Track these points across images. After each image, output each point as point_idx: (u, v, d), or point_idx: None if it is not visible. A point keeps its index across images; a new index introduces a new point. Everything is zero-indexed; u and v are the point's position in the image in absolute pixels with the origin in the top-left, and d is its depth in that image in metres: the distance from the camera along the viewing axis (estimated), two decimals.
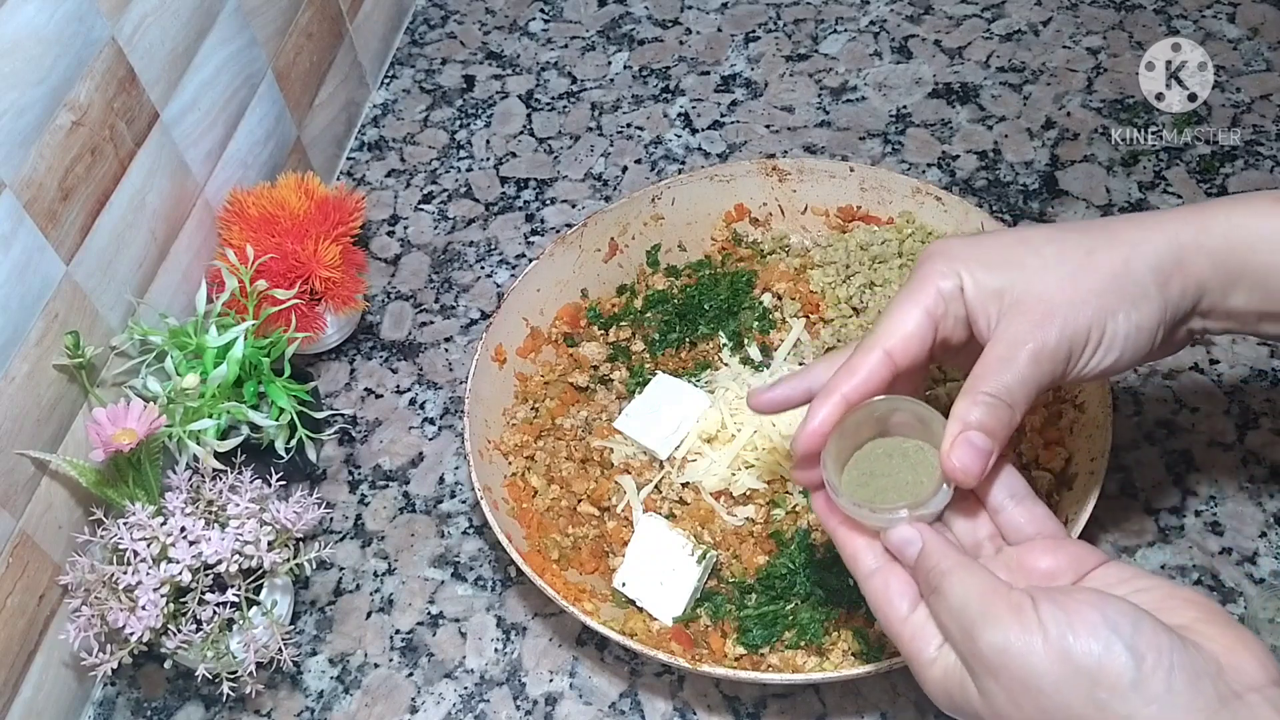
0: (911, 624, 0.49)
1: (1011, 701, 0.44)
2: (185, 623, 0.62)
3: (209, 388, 0.70)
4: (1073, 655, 0.43)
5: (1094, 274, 0.51)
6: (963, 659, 0.46)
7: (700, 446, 0.76)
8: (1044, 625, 0.44)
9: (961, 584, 0.47)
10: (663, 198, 0.84)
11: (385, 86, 1.09)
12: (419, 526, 0.79)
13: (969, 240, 0.54)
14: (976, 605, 0.46)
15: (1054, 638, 0.43)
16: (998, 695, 0.45)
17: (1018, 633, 0.44)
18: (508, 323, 0.79)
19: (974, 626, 0.45)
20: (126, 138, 0.71)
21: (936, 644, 0.48)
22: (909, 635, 0.49)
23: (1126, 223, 0.54)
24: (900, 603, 0.50)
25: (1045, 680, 0.43)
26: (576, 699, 0.70)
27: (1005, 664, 0.44)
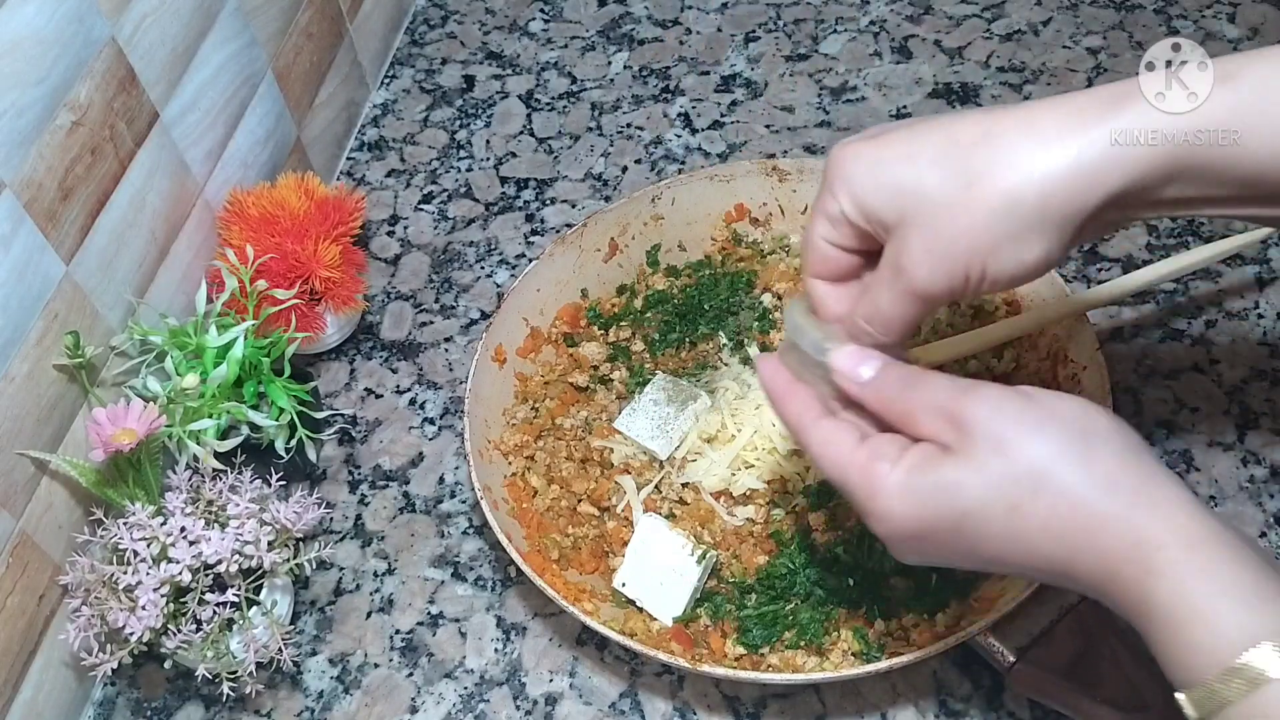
0: (867, 446, 0.49)
1: (998, 450, 0.45)
2: (185, 623, 0.62)
3: (209, 388, 0.70)
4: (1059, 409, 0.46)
5: (974, 210, 0.48)
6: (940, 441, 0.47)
7: (700, 446, 0.76)
8: (1027, 393, 0.47)
9: (937, 377, 0.49)
10: (663, 198, 0.84)
11: (385, 86, 1.09)
12: (419, 526, 0.79)
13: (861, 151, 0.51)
14: (959, 384, 0.48)
15: (1040, 398, 0.46)
16: (982, 449, 0.45)
17: (1009, 392, 0.46)
18: (508, 323, 0.79)
19: (960, 395, 0.47)
20: (126, 138, 0.71)
21: (894, 452, 0.48)
22: (864, 457, 0.48)
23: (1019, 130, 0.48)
24: (849, 435, 0.50)
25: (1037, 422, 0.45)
26: (576, 699, 0.70)
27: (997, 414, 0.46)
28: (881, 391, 0.50)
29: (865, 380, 0.50)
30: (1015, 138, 0.48)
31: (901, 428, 0.49)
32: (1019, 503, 0.44)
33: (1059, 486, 0.44)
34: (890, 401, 0.49)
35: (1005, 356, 0.78)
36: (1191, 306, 0.84)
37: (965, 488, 0.45)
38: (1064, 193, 0.47)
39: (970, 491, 0.45)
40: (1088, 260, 0.87)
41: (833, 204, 0.51)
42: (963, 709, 0.68)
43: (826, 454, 0.50)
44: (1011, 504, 0.45)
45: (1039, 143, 0.47)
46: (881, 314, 0.51)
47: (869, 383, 0.50)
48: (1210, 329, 0.83)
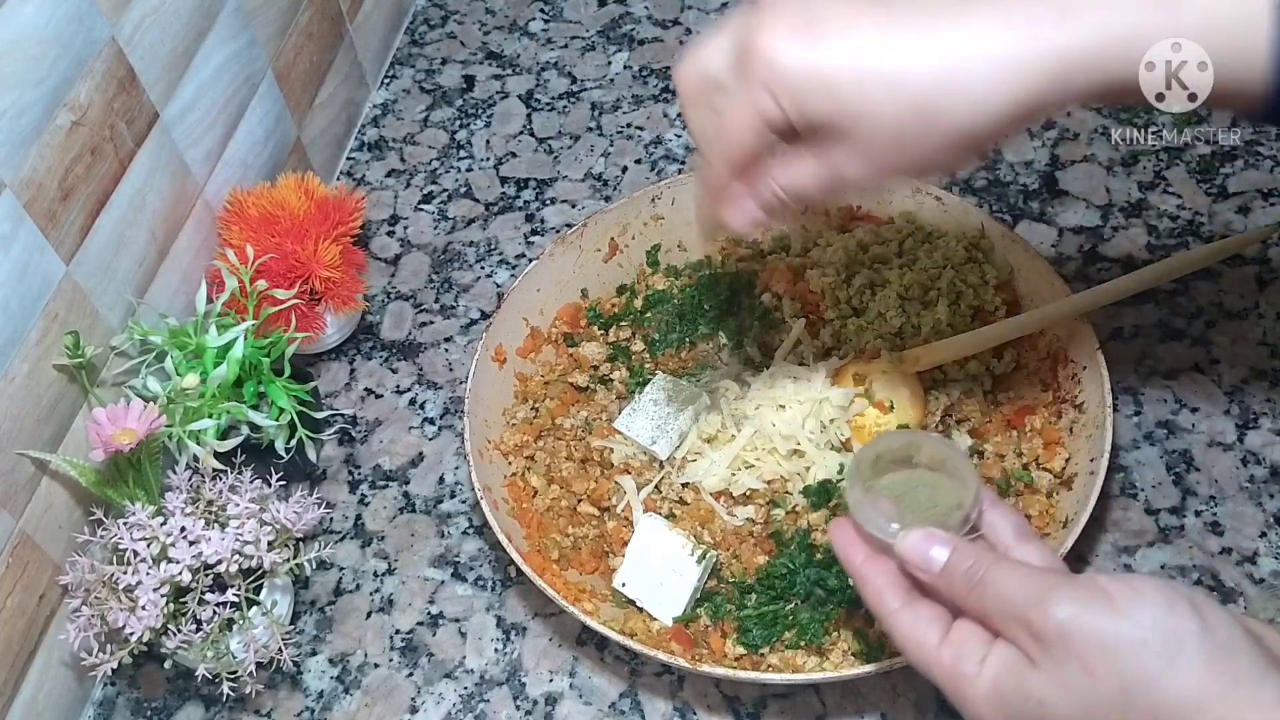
0: (950, 644, 0.48)
1: (1083, 669, 0.44)
2: (185, 623, 0.62)
3: (209, 388, 0.70)
4: (1141, 615, 0.44)
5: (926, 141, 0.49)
6: (1020, 646, 0.46)
7: (700, 446, 0.76)
8: (1107, 591, 0.44)
9: (1011, 570, 0.47)
10: (663, 198, 0.84)
11: (385, 86, 1.09)
12: (419, 526, 0.79)
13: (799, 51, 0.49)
14: (1035, 584, 0.46)
15: (1120, 598, 0.44)
16: (1066, 668, 0.44)
17: (1086, 597, 0.44)
18: (508, 323, 0.79)
19: (1037, 602, 0.45)
20: (126, 138, 0.71)
21: (978, 657, 0.47)
22: (949, 658, 0.48)
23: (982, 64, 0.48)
24: (932, 630, 0.49)
25: (1119, 640, 0.43)
26: (576, 699, 0.70)
27: (1077, 629, 0.44)
28: (953, 585, 0.49)
29: (935, 571, 0.50)
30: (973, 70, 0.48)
31: (981, 621, 0.48)
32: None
33: (1149, 702, 0.43)
34: (965, 600, 0.48)
35: (1005, 356, 0.78)
36: (1191, 306, 0.84)
37: (1052, 707, 0.45)
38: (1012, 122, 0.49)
39: (1058, 712, 0.44)
40: (1088, 260, 0.87)
41: (768, 106, 0.50)
42: None
43: (909, 648, 0.50)
44: None
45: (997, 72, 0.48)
46: (800, 191, 0.53)
47: (940, 575, 0.50)
48: (1210, 329, 0.83)
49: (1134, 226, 0.89)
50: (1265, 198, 0.90)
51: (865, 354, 0.77)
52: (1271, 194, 0.90)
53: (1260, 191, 0.90)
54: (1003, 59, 0.48)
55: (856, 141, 0.50)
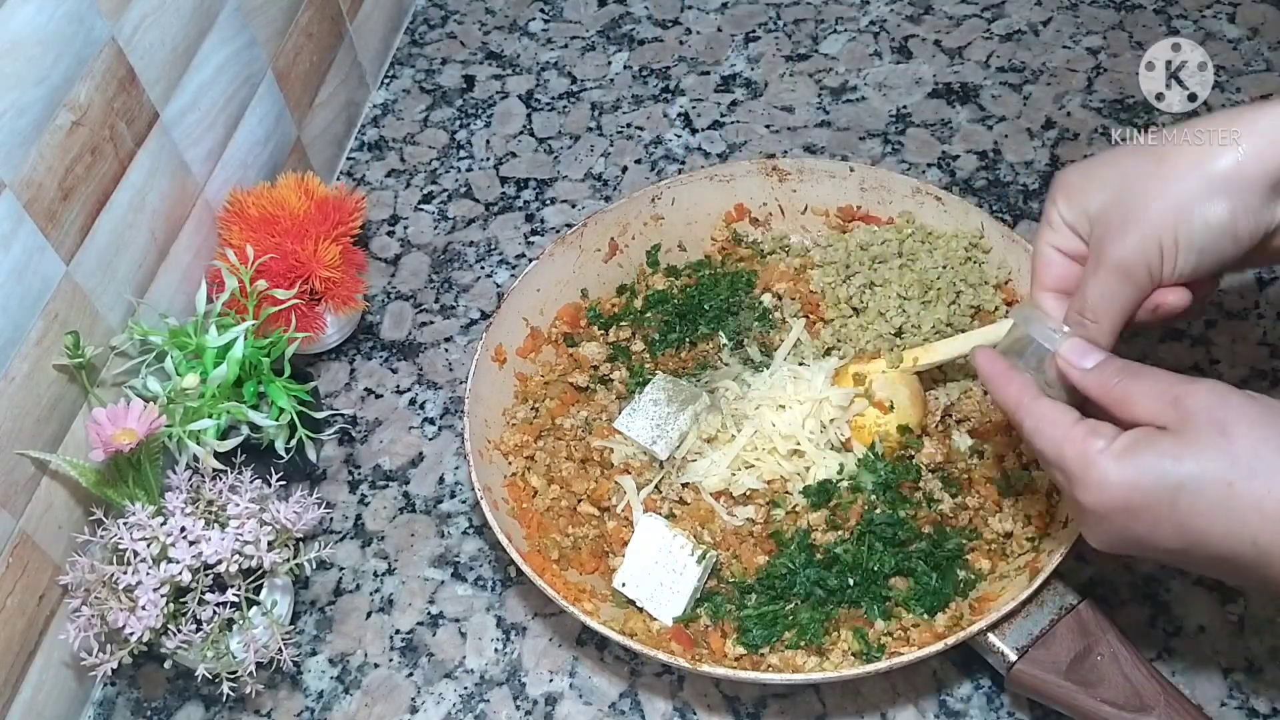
0: (1085, 424, 0.51)
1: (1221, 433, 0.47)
2: (185, 623, 0.62)
3: (209, 388, 0.70)
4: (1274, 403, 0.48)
5: (1164, 180, 0.52)
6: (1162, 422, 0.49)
7: (700, 446, 0.76)
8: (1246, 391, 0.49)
9: (1158, 369, 0.51)
10: (663, 198, 0.84)
11: (385, 86, 1.09)
12: (419, 526, 0.79)
13: (1076, 167, 0.57)
14: (1180, 376, 0.50)
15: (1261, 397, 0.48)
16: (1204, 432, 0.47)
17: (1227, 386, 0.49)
18: (508, 323, 0.79)
19: (1187, 383, 0.49)
20: (126, 138, 0.71)
21: (1111, 432, 0.50)
22: (1083, 433, 0.50)
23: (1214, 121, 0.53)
24: (1066, 413, 0.52)
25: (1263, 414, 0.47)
26: (576, 699, 0.70)
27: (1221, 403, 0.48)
28: (1104, 376, 0.52)
29: (1089, 366, 0.53)
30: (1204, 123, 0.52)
31: (1118, 415, 0.51)
32: (1235, 480, 0.46)
33: (1276, 472, 0.46)
34: (1111, 388, 0.52)
35: None
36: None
37: (1184, 461, 0.47)
38: (1246, 154, 0.51)
39: (1188, 465, 0.47)
40: None
41: (1053, 211, 0.57)
42: (963, 709, 0.68)
43: (1043, 429, 0.52)
44: (1227, 481, 0.46)
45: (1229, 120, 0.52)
46: (1092, 301, 0.55)
47: (1093, 369, 0.53)
48: (1210, 329, 0.83)
49: None
50: None
51: (865, 354, 0.77)
52: None
53: None
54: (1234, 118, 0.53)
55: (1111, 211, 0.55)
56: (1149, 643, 0.69)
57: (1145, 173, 0.53)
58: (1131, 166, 0.54)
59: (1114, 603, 0.71)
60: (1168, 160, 0.52)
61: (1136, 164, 0.53)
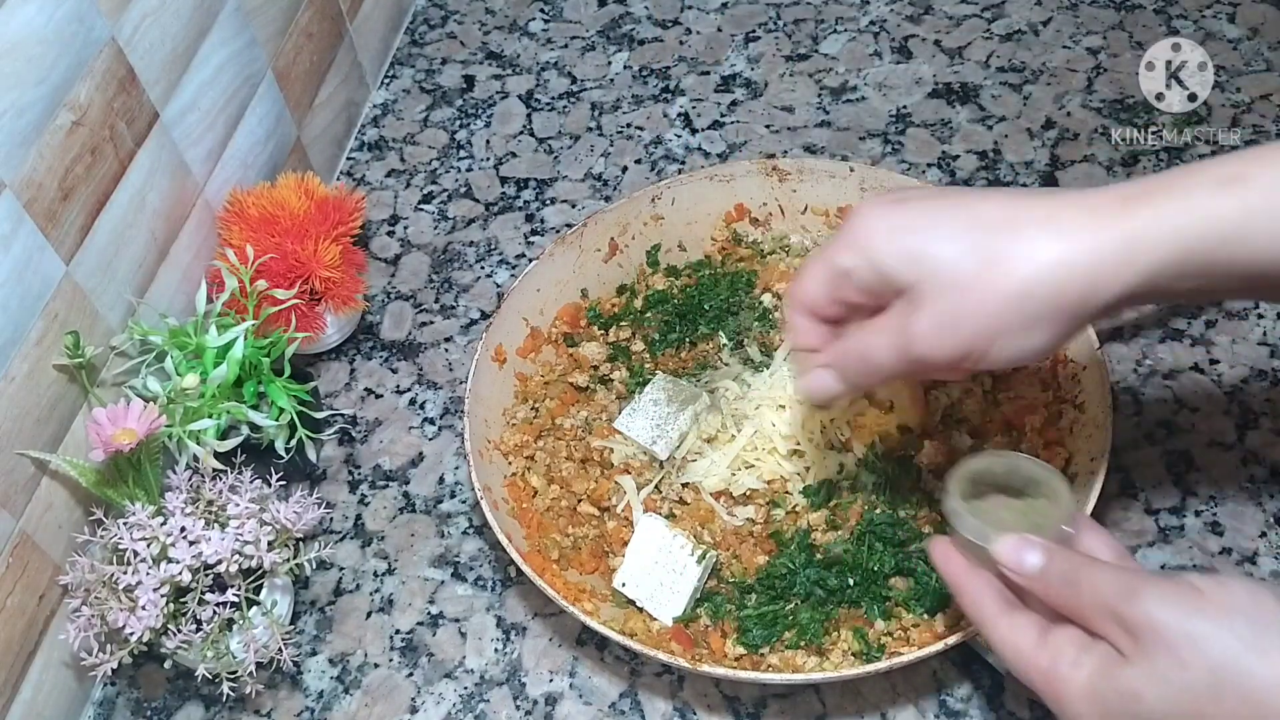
0: (1046, 648, 0.50)
1: (1174, 660, 0.45)
2: (185, 623, 0.62)
3: (209, 388, 0.70)
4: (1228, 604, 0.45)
5: (988, 295, 0.50)
6: (1113, 642, 0.47)
7: (700, 446, 0.76)
8: (1195, 585, 0.46)
9: (1103, 569, 0.49)
10: (663, 198, 0.84)
11: (385, 86, 1.09)
12: (419, 526, 0.79)
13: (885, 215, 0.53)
14: (1126, 580, 0.48)
15: (1207, 590, 0.46)
16: (1158, 660, 0.45)
17: (1174, 591, 0.46)
18: (508, 323, 0.79)
19: (1128, 596, 0.47)
20: (126, 138, 0.71)
21: (1073, 654, 0.49)
22: (1047, 659, 0.49)
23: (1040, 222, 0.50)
24: (1028, 635, 0.51)
25: (1208, 629, 0.45)
26: (576, 699, 0.70)
27: (1166, 621, 0.45)
28: (1049, 588, 0.51)
29: (1030, 573, 0.51)
30: (1036, 229, 0.50)
31: (1076, 622, 0.50)
32: (1202, 709, 0.45)
33: (1239, 689, 0.44)
34: (1058, 599, 0.50)
35: None
36: (1192, 306, 0.84)
37: (1147, 699, 0.46)
38: (1077, 290, 0.49)
39: (1151, 702, 0.46)
40: None
41: (846, 259, 0.54)
42: (963, 709, 0.68)
43: (1007, 650, 0.51)
44: (1194, 712, 0.45)
45: (1058, 236, 0.49)
46: (873, 362, 0.54)
47: (1034, 577, 0.51)
48: (1210, 329, 0.83)
49: None
50: None
51: None
52: None
53: None
54: (1063, 219, 0.49)
55: (923, 296, 0.51)
56: None
57: (969, 275, 0.50)
58: (954, 259, 0.51)
59: None
60: (996, 267, 0.50)
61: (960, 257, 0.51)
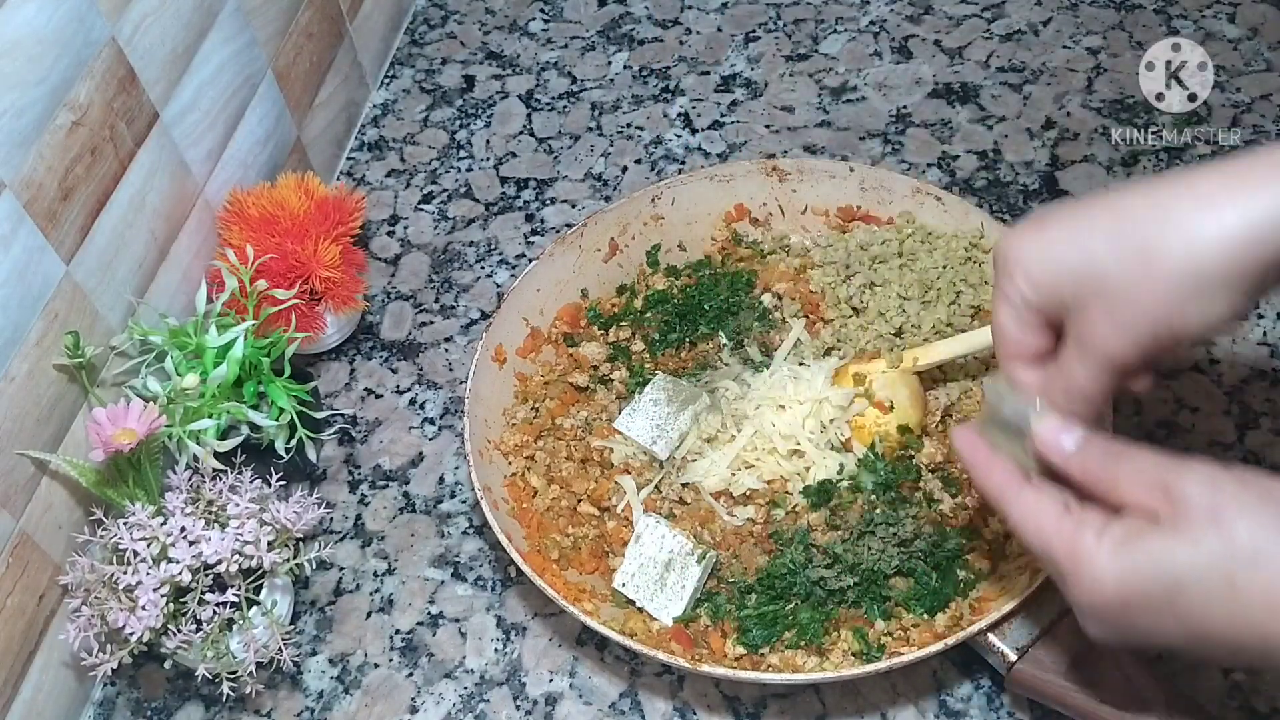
0: (1073, 516, 0.49)
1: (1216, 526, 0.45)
2: (185, 623, 0.62)
3: (209, 388, 0.70)
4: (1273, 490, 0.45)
5: (1155, 280, 0.49)
6: (1152, 510, 0.47)
7: (700, 446, 0.76)
8: (1238, 471, 0.46)
9: (1142, 450, 0.49)
10: (663, 198, 0.84)
11: (385, 86, 1.09)
12: (419, 526, 0.79)
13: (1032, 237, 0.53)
14: (1170, 459, 0.47)
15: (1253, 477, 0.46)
16: (1197, 525, 0.45)
17: (1223, 470, 0.46)
18: (508, 323, 0.79)
19: (1177, 468, 0.47)
20: (126, 138, 0.71)
21: (1100, 523, 0.48)
22: (1070, 530, 0.48)
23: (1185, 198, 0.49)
24: (1053, 505, 0.50)
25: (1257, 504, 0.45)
26: (576, 699, 0.70)
27: (1217, 490, 0.45)
28: (1087, 461, 0.50)
29: (1070, 450, 0.51)
30: (1185, 206, 0.49)
31: (1104, 498, 0.49)
32: (1236, 573, 0.44)
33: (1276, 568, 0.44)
34: (1095, 473, 0.49)
35: None
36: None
37: (1180, 558, 0.45)
38: (1241, 251, 0.48)
39: (1185, 563, 0.45)
40: None
41: (1012, 290, 0.53)
42: (963, 709, 0.68)
43: (1029, 523, 0.50)
44: (1228, 574, 0.44)
45: (1208, 207, 0.48)
46: (1076, 388, 0.52)
47: (1074, 453, 0.51)
48: None
49: None
50: None
51: (865, 354, 0.77)
52: None
53: None
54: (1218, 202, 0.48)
55: (1093, 305, 0.51)
56: None
57: (1130, 272, 0.49)
58: (1109, 258, 0.50)
59: None
60: (1156, 255, 0.49)
61: (1115, 256, 0.50)
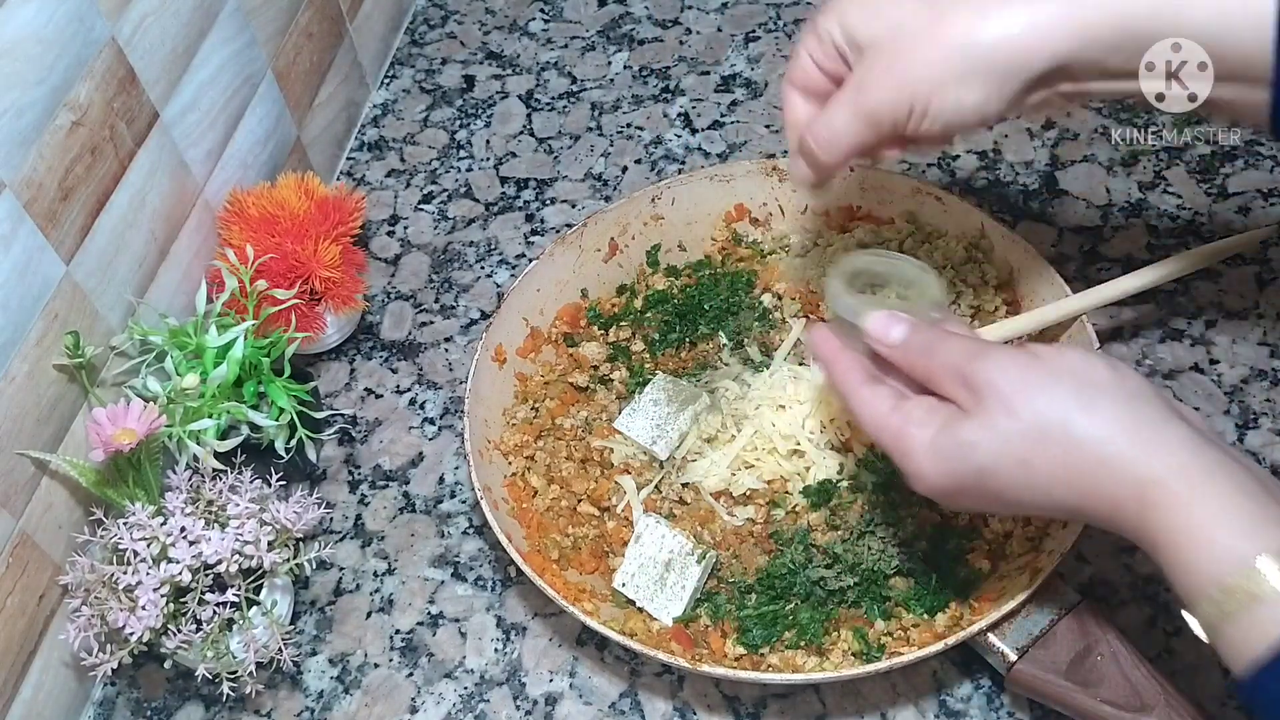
0: (900, 411, 0.54)
1: (1006, 410, 0.50)
2: (185, 623, 0.62)
3: (209, 388, 0.70)
4: (1060, 364, 0.50)
5: (934, 44, 0.54)
6: (958, 401, 0.52)
7: (700, 446, 0.76)
8: (1033, 350, 0.52)
9: (957, 339, 0.54)
10: (663, 198, 0.84)
11: (385, 86, 1.09)
12: (419, 526, 0.79)
13: None
14: (974, 346, 0.53)
15: (1043, 354, 0.51)
16: (992, 411, 0.50)
17: (1015, 353, 0.51)
18: (508, 323, 0.79)
19: (973, 357, 0.52)
20: (126, 138, 0.71)
21: (921, 415, 0.53)
22: (898, 422, 0.54)
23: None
24: (886, 401, 0.55)
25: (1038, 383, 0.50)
26: (576, 699, 0.70)
27: (1003, 376, 0.50)
28: (908, 354, 0.55)
29: (893, 343, 0.56)
30: None
31: (930, 389, 0.54)
32: (1027, 456, 0.49)
33: (1062, 437, 0.48)
34: (915, 365, 0.55)
35: None
36: (1191, 306, 0.84)
37: (979, 446, 0.50)
38: (1014, 46, 0.53)
39: (984, 449, 0.50)
40: (1088, 260, 0.87)
41: (824, 22, 0.59)
42: (963, 709, 0.68)
43: (865, 416, 0.56)
44: (1021, 458, 0.49)
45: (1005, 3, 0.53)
46: (832, 129, 0.58)
47: (897, 345, 0.56)
48: (1210, 329, 0.83)
49: (1134, 226, 0.89)
50: (1265, 198, 0.90)
51: None
52: (1271, 194, 0.90)
53: (1260, 191, 0.90)
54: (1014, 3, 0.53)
55: (878, 52, 0.56)
56: (1149, 643, 0.69)
57: (919, 27, 0.54)
58: (910, 15, 0.55)
59: (1114, 603, 0.71)
60: (944, 20, 0.53)
61: (915, 13, 0.54)
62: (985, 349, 0.52)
